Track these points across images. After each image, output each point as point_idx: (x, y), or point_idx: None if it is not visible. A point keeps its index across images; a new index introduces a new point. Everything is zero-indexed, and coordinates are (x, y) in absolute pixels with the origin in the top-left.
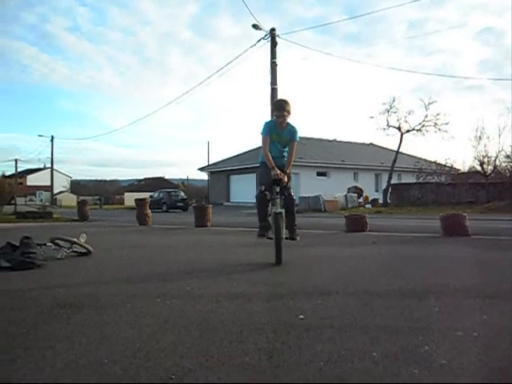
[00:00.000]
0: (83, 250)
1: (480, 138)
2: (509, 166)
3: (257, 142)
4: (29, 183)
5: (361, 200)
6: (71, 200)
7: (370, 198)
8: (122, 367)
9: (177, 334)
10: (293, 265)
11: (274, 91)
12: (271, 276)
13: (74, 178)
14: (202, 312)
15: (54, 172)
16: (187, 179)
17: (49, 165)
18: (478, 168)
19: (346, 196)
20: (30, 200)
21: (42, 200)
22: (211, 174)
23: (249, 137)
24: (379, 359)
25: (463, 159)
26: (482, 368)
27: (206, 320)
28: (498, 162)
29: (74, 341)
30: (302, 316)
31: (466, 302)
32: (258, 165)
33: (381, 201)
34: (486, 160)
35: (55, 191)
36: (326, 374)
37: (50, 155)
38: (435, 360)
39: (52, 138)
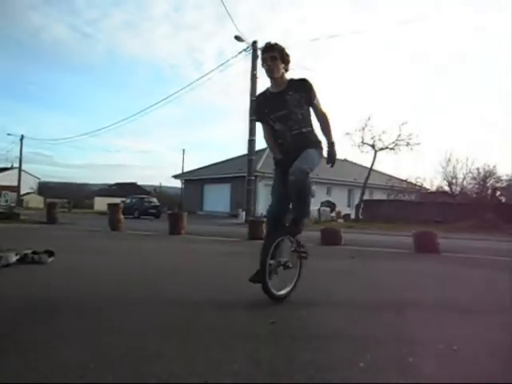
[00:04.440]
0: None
1: (449, 159)
2: (475, 188)
3: (232, 152)
4: None
5: (333, 214)
6: (38, 202)
7: (343, 213)
8: (110, 372)
9: (162, 341)
10: None
11: (253, 103)
12: (251, 287)
13: (42, 179)
14: (186, 319)
15: (22, 172)
16: (160, 186)
17: (16, 164)
18: (446, 188)
19: (319, 210)
20: None
21: (7, 201)
22: (186, 181)
23: (225, 147)
24: (367, 369)
25: (431, 179)
26: (466, 379)
27: (191, 327)
28: (465, 183)
29: (56, 345)
30: (287, 326)
31: (443, 316)
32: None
33: (353, 216)
34: (454, 181)
35: (22, 192)
36: (317, 381)
37: (18, 154)
38: (421, 371)
39: (22, 137)
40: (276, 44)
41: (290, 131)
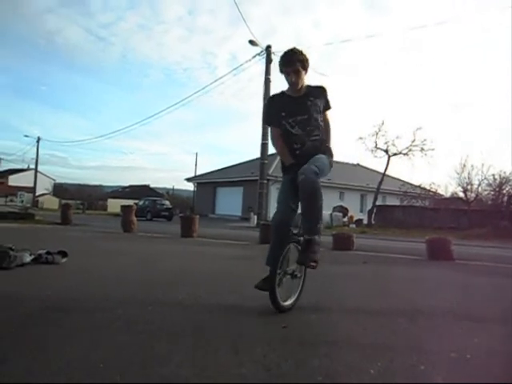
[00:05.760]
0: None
1: (464, 165)
2: (490, 195)
3: (244, 156)
4: (11, 183)
5: (346, 219)
6: (53, 203)
7: (355, 218)
8: (118, 373)
9: (171, 342)
10: None
11: (266, 105)
12: (261, 291)
13: (57, 181)
14: (195, 321)
15: (38, 174)
16: (173, 189)
17: (32, 166)
18: (461, 194)
19: (331, 215)
20: (11, 200)
21: (22, 201)
22: (198, 184)
23: (238, 150)
24: (377, 376)
25: (446, 184)
26: None
27: (200, 330)
28: (480, 189)
29: (66, 344)
30: (296, 330)
31: (456, 324)
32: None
33: (365, 221)
34: (469, 187)
35: (38, 193)
36: None
37: (34, 156)
38: (432, 380)
39: (38, 139)
40: (297, 54)
41: (308, 136)
